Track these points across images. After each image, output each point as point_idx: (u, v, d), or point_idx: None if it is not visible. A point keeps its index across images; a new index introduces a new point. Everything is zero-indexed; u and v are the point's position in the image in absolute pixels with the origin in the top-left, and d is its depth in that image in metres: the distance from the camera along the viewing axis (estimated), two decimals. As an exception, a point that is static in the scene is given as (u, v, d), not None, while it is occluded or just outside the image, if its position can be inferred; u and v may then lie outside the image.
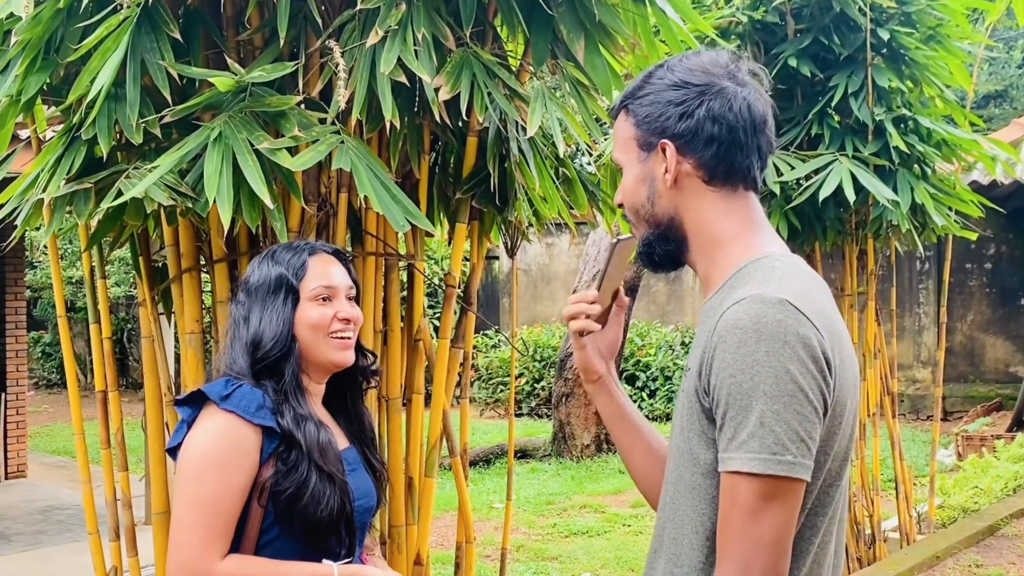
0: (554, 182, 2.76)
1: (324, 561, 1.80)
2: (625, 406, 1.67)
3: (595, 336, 1.66)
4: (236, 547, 1.76)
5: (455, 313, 2.81)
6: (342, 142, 2.12)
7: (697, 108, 1.40)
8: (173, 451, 1.83)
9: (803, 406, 1.25)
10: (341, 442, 1.91)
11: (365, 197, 2.07)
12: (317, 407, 1.90)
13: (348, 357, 1.89)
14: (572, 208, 2.99)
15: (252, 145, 2.03)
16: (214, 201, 1.97)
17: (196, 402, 1.80)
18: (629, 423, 1.66)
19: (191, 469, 1.74)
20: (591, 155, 3.98)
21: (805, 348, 1.26)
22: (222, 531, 1.73)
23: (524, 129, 2.37)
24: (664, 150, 1.42)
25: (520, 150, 2.56)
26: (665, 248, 1.47)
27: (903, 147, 4.24)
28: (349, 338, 1.89)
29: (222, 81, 2.06)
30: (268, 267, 1.86)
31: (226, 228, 2.00)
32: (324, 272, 1.87)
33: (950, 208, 4.52)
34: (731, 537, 1.27)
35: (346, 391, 1.99)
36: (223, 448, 1.73)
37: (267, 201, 1.99)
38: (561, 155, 2.54)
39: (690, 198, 1.43)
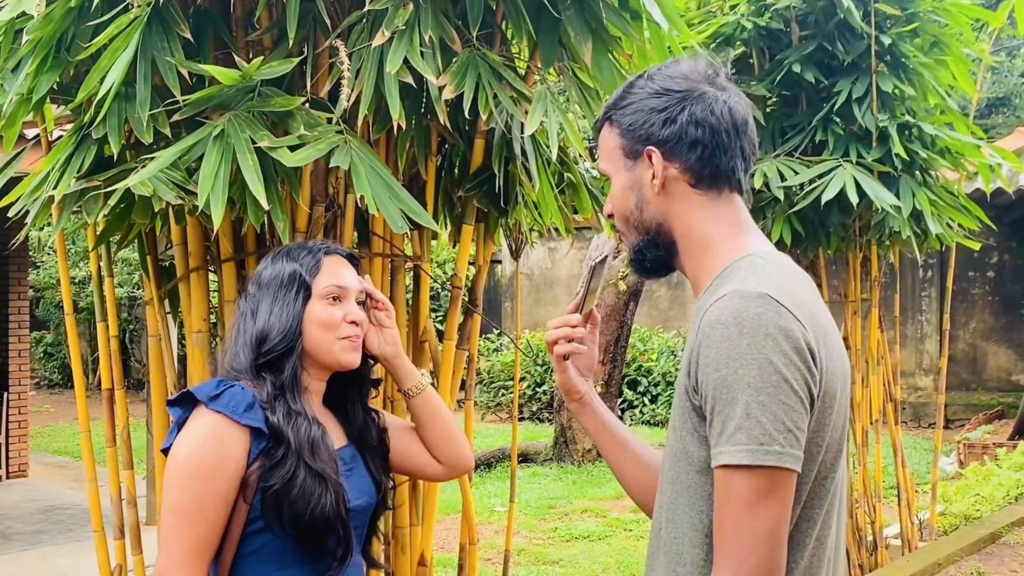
0: (552, 188, 2.76)
1: None
2: (608, 420, 1.71)
3: (575, 357, 1.69)
4: (219, 546, 1.71)
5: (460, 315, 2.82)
6: (345, 141, 2.12)
7: (680, 113, 1.45)
8: (167, 452, 1.79)
9: (788, 396, 1.27)
10: (338, 440, 1.87)
11: (362, 196, 2.07)
12: (316, 405, 1.87)
13: (355, 359, 1.88)
14: (576, 212, 3.00)
15: (254, 143, 2.03)
16: (207, 200, 1.96)
17: (186, 403, 1.77)
18: (614, 436, 1.70)
19: (175, 474, 1.71)
20: (592, 160, 3.99)
21: (787, 339, 1.28)
22: (207, 538, 1.69)
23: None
24: (650, 156, 1.46)
25: (523, 151, 2.57)
26: (655, 254, 1.52)
27: (904, 154, 4.24)
28: (357, 340, 1.87)
29: (225, 74, 2.05)
30: (282, 263, 1.85)
31: (215, 228, 1.98)
32: (337, 272, 1.87)
33: (951, 219, 4.52)
34: (725, 532, 1.28)
35: (347, 391, 1.95)
36: (208, 451, 1.69)
37: (262, 200, 1.97)
38: (553, 158, 2.53)
39: (678, 203, 1.47)
